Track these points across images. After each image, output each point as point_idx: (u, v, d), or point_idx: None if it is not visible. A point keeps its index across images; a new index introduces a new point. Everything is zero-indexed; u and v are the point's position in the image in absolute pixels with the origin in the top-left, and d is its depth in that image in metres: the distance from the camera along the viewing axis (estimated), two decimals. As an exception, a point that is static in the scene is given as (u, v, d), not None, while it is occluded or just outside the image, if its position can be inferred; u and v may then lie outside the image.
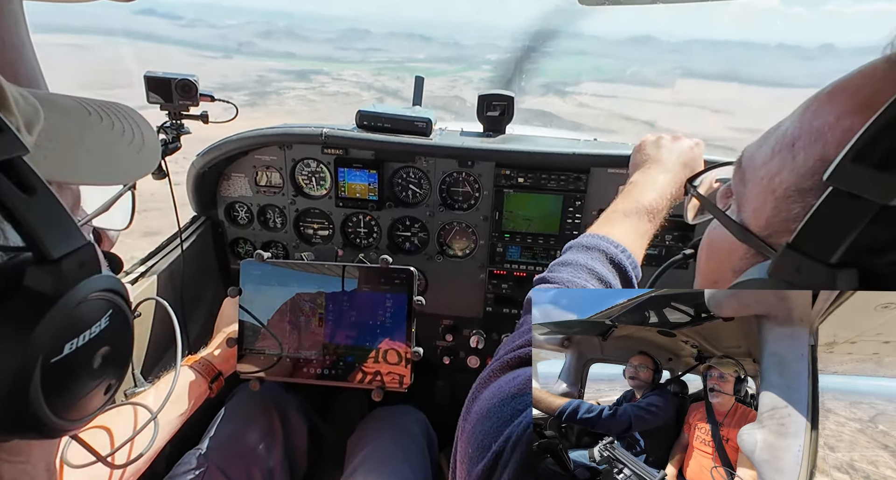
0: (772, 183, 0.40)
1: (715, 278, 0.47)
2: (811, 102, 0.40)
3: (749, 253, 0.42)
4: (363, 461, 1.17)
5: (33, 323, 0.32)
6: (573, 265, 0.79)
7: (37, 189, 0.33)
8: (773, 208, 0.40)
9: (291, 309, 1.04)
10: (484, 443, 0.54)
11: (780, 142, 0.41)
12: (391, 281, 1.02)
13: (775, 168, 0.40)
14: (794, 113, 0.42)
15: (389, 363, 1.02)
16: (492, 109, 1.40)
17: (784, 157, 0.40)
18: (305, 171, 1.43)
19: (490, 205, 1.38)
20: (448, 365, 1.59)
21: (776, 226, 0.39)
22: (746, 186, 0.44)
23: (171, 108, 1.23)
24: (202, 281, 1.46)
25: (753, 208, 0.42)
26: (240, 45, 28.48)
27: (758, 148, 0.44)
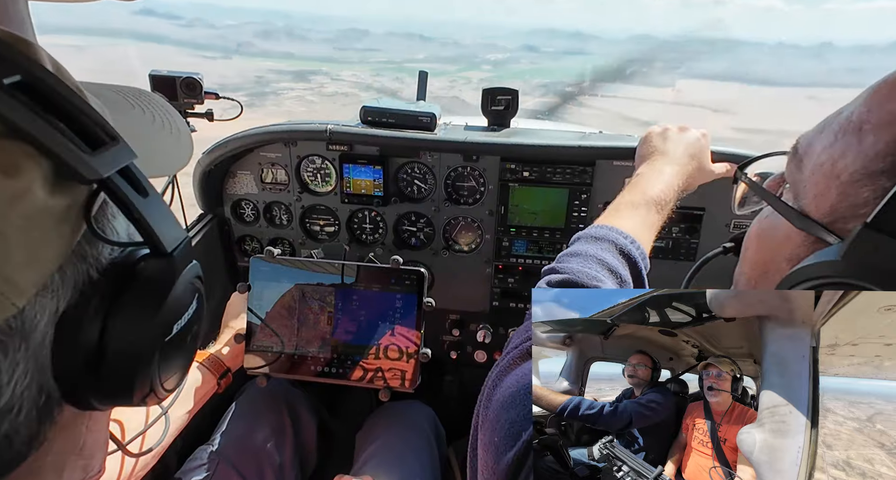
0: (835, 168, 0.40)
1: (766, 268, 0.47)
2: (879, 87, 0.40)
3: (808, 241, 0.41)
4: (372, 455, 1.18)
5: (157, 307, 0.37)
6: (583, 256, 0.79)
7: (148, 191, 0.37)
8: (838, 194, 0.39)
9: (300, 307, 1.04)
10: (512, 431, 0.54)
11: (843, 126, 0.41)
12: (401, 282, 1.02)
13: (838, 152, 0.40)
14: (858, 98, 0.42)
15: (397, 363, 1.02)
16: (496, 103, 1.40)
17: (849, 142, 0.39)
18: (310, 168, 1.43)
19: (495, 200, 1.38)
20: (455, 359, 1.59)
21: (842, 212, 0.39)
22: (804, 173, 0.43)
23: (177, 107, 1.23)
24: (210, 279, 1.46)
25: (814, 195, 0.41)
26: (238, 46, 28.53)
27: (817, 134, 0.44)
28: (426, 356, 1.01)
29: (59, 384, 0.35)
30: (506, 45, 7.37)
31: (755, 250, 0.50)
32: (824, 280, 0.36)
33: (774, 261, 0.45)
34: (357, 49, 31.41)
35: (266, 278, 1.04)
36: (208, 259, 1.46)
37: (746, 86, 19.73)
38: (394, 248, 1.47)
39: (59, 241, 0.32)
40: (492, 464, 0.55)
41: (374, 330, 1.03)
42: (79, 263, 0.35)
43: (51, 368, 0.34)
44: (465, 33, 52.06)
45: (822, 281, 0.36)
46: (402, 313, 1.02)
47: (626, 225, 0.86)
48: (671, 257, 1.37)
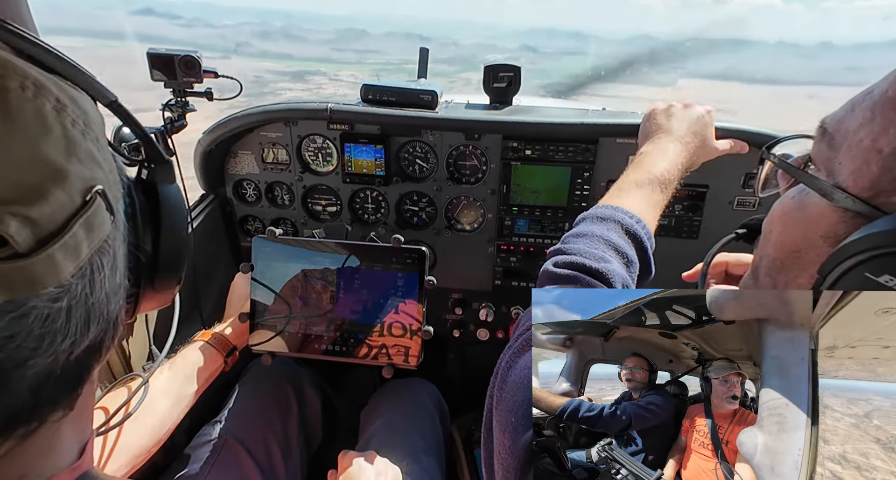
0: (876, 143, 0.40)
1: (796, 247, 0.46)
2: None
3: (846, 217, 0.41)
4: (376, 432, 1.20)
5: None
6: (589, 236, 0.79)
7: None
8: (880, 167, 0.39)
9: (303, 286, 1.05)
10: (529, 412, 0.55)
11: (881, 103, 0.41)
12: (403, 261, 1.02)
13: (879, 128, 0.40)
14: (889, 76, 0.42)
15: (400, 341, 1.03)
16: (498, 80, 1.38)
17: (890, 116, 0.39)
18: (311, 148, 1.42)
19: (497, 179, 1.37)
20: (458, 337, 1.60)
21: (884, 186, 0.39)
22: (838, 150, 0.43)
23: (176, 86, 1.22)
24: (213, 259, 1.47)
25: (851, 171, 0.41)
26: (237, 46, 28.29)
27: (847, 113, 0.44)
28: (429, 333, 1.01)
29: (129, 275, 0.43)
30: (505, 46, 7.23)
31: (782, 231, 0.49)
32: (882, 250, 0.36)
33: (808, 239, 0.45)
34: (355, 50, 31.07)
35: (268, 258, 1.05)
36: (211, 239, 1.46)
37: (747, 86, 19.45)
38: (396, 228, 1.47)
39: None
40: (509, 444, 0.56)
41: (376, 309, 1.04)
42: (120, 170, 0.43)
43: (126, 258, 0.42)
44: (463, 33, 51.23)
45: (879, 251, 0.36)
46: (404, 291, 1.03)
47: (632, 204, 0.86)
48: (674, 235, 1.36)
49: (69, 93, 0.36)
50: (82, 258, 0.34)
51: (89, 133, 0.36)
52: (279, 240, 1.04)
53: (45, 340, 0.32)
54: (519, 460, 0.54)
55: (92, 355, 0.37)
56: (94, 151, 0.36)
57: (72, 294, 0.33)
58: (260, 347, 1.05)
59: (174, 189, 0.51)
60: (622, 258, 0.77)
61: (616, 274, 0.72)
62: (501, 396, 0.61)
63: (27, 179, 0.30)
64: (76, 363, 0.35)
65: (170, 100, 1.21)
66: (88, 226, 0.34)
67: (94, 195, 0.34)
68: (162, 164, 0.51)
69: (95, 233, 0.35)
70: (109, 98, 0.43)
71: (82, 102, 0.37)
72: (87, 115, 0.37)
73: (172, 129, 1.20)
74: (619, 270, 0.73)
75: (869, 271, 0.36)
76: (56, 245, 0.31)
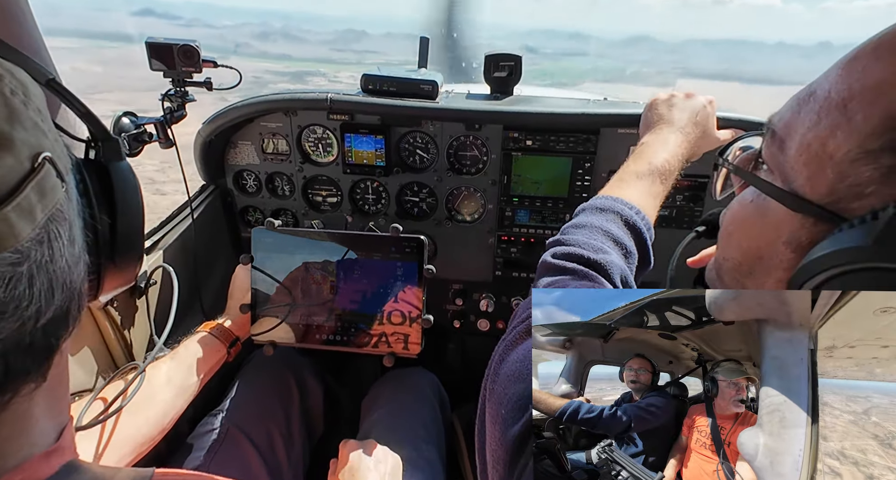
0: (825, 148, 0.38)
1: (760, 254, 0.46)
2: (853, 62, 0.39)
3: (807, 224, 0.40)
4: (377, 421, 1.20)
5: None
6: (588, 227, 0.78)
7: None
8: (835, 174, 0.38)
9: (303, 276, 1.05)
10: (519, 405, 0.55)
11: (825, 105, 0.39)
12: (402, 250, 1.02)
13: (826, 132, 0.38)
14: (829, 76, 0.40)
15: (400, 329, 1.03)
16: (499, 70, 1.37)
17: (836, 120, 0.38)
18: (312, 138, 1.42)
19: (498, 169, 1.37)
20: (458, 328, 1.61)
21: (843, 192, 0.38)
22: (788, 154, 0.42)
23: (175, 75, 1.21)
24: (214, 250, 1.47)
25: (807, 177, 0.40)
26: (237, 46, 28.16)
27: (792, 114, 0.42)
28: (428, 322, 1.02)
29: (88, 249, 0.43)
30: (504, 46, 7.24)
31: (743, 235, 0.49)
32: (852, 266, 0.34)
33: (770, 246, 0.44)
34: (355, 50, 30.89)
35: (268, 249, 1.05)
36: (212, 230, 1.46)
37: (747, 85, 19.36)
38: (396, 219, 1.47)
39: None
40: (499, 436, 0.57)
41: (376, 298, 1.04)
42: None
43: (82, 231, 0.41)
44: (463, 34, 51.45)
45: (849, 267, 0.35)
46: (403, 280, 1.03)
47: (631, 195, 0.85)
48: (675, 225, 1.36)
49: (4, 65, 0.37)
50: (38, 221, 0.34)
51: (30, 103, 0.37)
52: (278, 231, 1.04)
53: (10, 305, 0.33)
54: (508, 452, 0.54)
55: (59, 325, 0.38)
56: (38, 121, 0.37)
57: (32, 259, 0.34)
58: (261, 337, 1.06)
59: (124, 166, 0.52)
60: (621, 249, 0.77)
61: (614, 265, 0.72)
62: (493, 388, 0.61)
63: None
64: (44, 331, 0.36)
65: (169, 89, 1.20)
66: (40, 189, 0.35)
67: (43, 161, 0.35)
68: (109, 142, 0.53)
69: (48, 198, 0.36)
70: (46, 76, 0.43)
71: (19, 74, 0.38)
72: (27, 87, 0.37)
73: (172, 119, 1.20)
74: (618, 262, 0.73)
75: (840, 288, 0.35)
76: (10, 206, 0.32)
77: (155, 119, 1.16)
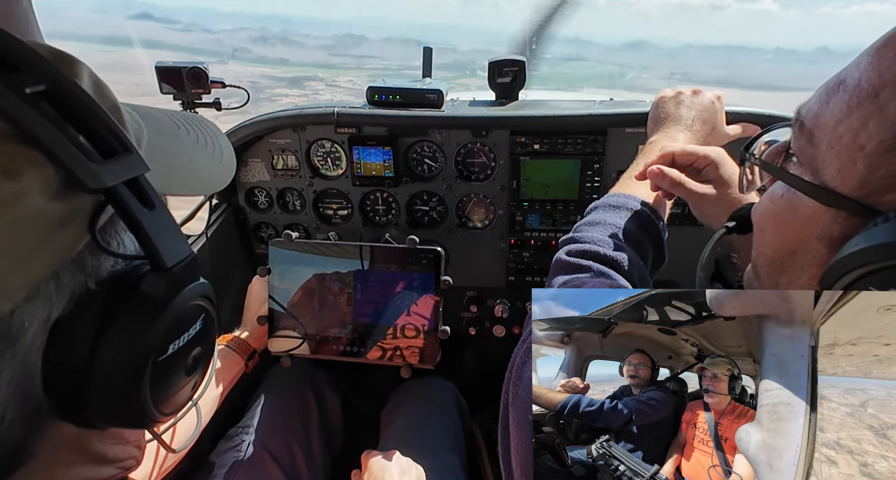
0: (857, 139, 0.37)
1: (793, 248, 0.44)
2: (884, 49, 0.38)
3: (839, 218, 0.39)
4: (397, 431, 1.20)
5: (149, 324, 0.36)
6: (602, 224, 0.78)
7: (155, 204, 0.36)
8: (866, 166, 0.37)
9: (320, 288, 1.06)
10: None
11: (854, 94, 0.38)
12: (419, 261, 1.02)
13: (858, 123, 0.38)
14: (860, 64, 0.39)
15: (417, 341, 1.03)
16: (503, 76, 1.38)
17: (867, 111, 0.37)
18: (320, 152, 1.43)
19: (507, 174, 1.37)
20: (474, 335, 1.60)
21: (875, 185, 0.37)
22: (819, 147, 0.41)
23: (184, 98, 1.24)
24: (229, 266, 1.49)
25: (837, 169, 0.39)
26: (234, 51, 28.52)
27: (822, 105, 0.41)
28: (445, 333, 1.02)
29: (49, 397, 0.34)
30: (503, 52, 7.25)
31: (775, 231, 0.48)
32: (885, 264, 0.34)
33: (803, 241, 0.43)
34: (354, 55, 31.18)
35: (285, 261, 1.06)
36: (225, 248, 1.48)
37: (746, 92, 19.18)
38: (407, 228, 1.48)
39: (55, 248, 0.32)
40: (527, 442, 0.56)
41: (393, 310, 1.04)
42: (77, 272, 0.34)
43: (41, 379, 0.33)
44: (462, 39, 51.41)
45: (882, 264, 0.34)
46: (420, 292, 1.03)
47: (643, 192, 0.85)
48: (688, 223, 1.35)
49: None
50: None
51: None
52: (296, 244, 1.05)
53: None
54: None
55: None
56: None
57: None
58: (278, 349, 1.06)
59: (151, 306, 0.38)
60: (636, 246, 0.76)
61: (631, 262, 0.71)
62: (517, 393, 0.60)
63: None
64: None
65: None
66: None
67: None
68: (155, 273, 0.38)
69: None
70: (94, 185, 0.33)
71: None
72: None
73: (183, 141, 1.22)
74: (634, 258, 0.73)
75: (874, 285, 0.34)
76: None
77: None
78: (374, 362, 1.06)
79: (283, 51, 31.84)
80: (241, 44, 32.72)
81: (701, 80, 20.75)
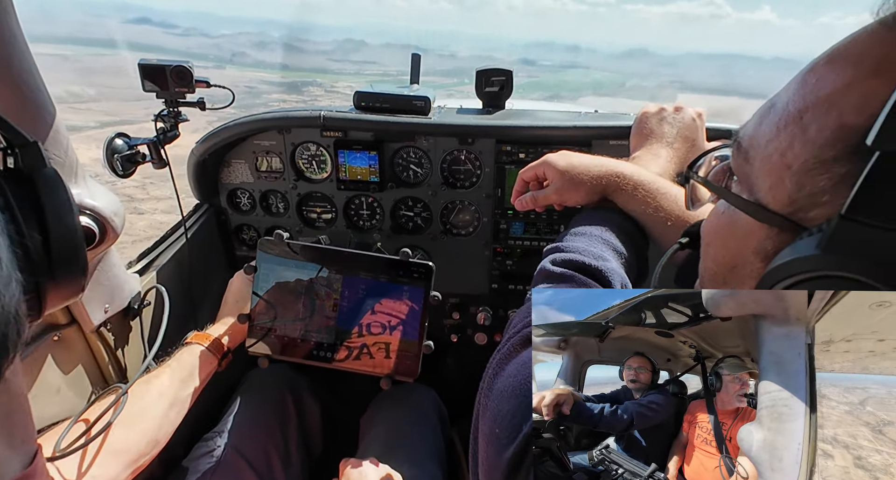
0: (784, 159, 0.39)
1: (733, 263, 0.46)
2: (807, 75, 0.40)
3: (772, 233, 0.41)
4: (377, 438, 1.19)
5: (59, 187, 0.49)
6: (588, 235, 0.79)
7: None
8: (794, 183, 0.39)
9: (306, 292, 1.04)
10: (513, 423, 0.54)
11: (782, 116, 0.40)
12: (410, 275, 1.02)
13: (785, 143, 0.39)
14: (789, 87, 0.41)
15: (400, 353, 1.02)
16: (490, 85, 1.39)
17: (793, 132, 0.39)
18: (305, 155, 1.42)
19: (492, 183, 1.38)
20: (456, 342, 1.60)
21: (801, 202, 0.38)
22: (753, 165, 0.43)
23: (168, 96, 1.22)
24: (209, 269, 1.46)
25: (769, 186, 0.41)
26: (233, 56, 28.24)
27: (756, 126, 0.43)
28: (429, 348, 1.01)
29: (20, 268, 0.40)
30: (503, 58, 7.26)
31: (718, 246, 0.49)
32: (807, 274, 0.36)
33: (741, 256, 0.45)
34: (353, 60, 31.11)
35: (272, 261, 1.04)
36: (206, 249, 1.46)
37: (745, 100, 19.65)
38: (392, 234, 1.47)
39: None
40: (493, 457, 0.55)
41: (378, 320, 1.04)
42: None
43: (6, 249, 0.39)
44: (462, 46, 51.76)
45: (805, 276, 0.36)
46: (407, 305, 1.03)
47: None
48: (668, 235, 1.37)
49: None
50: None
51: None
52: (287, 244, 1.03)
53: None
54: (503, 473, 0.53)
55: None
56: None
57: None
58: (257, 350, 1.04)
59: (49, 173, 0.48)
60: (620, 258, 0.77)
61: (615, 273, 0.72)
62: (487, 404, 0.60)
63: None
64: None
65: (162, 110, 1.21)
66: None
67: None
68: (27, 148, 0.48)
69: None
70: None
71: None
72: None
73: (165, 140, 1.20)
74: (618, 270, 0.73)
75: None
76: None
77: (148, 140, 1.16)
78: (354, 370, 1.04)
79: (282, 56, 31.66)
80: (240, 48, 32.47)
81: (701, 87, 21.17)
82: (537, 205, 0.97)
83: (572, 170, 0.90)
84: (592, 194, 0.89)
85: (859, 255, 0.33)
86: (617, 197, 0.87)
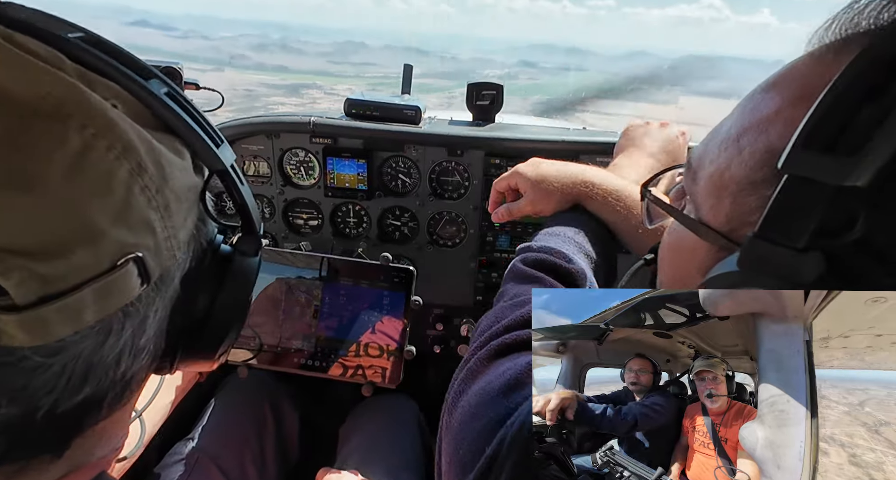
0: (722, 179, 0.40)
1: (682, 280, 0.47)
2: (749, 99, 0.41)
3: (713, 250, 0.42)
4: (355, 449, 1.17)
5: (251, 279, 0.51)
6: (561, 236, 0.81)
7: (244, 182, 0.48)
8: (730, 203, 0.40)
9: (286, 299, 1.03)
10: (476, 446, 0.51)
11: (725, 139, 0.42)
12: (390, 279, 1.02)
13: (724, 163, 0.41)
14: (734, 111, 0.43)
15: (381, 360, 1.02)
16: (481, 98, 1.40)
17: (731, 153, 0.40)
18: (294, 161, 1.42)
19: (480, 195, 1.38)
20: (439, 353, 1.59)
21: (736, 221, 0.39)
22: (699, 185, 0.44)
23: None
24: None
25: (710, 205, 0.42)
26: (232, 58, 28.19)
27: (705, 147, 0.45)
28: (411, 353, 1.01)
29: (167, 337, 0.41)
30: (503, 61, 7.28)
31: (669, 262, 0.50)
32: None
33: (688, 272, 0.45)
34: (353, 63, 31.22)
35: None
36: None
37: None
38: (378, 242, 1.47)
39: (196, 212, 0.42)
40: (453, 478, 0.53)
41: (360, 326, 1.03)
42: (199, 235, 0.43)
43: (168, 321, 0.40)
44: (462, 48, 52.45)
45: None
46: (388, 310, 1.02)
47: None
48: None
49: (161, 156, 0.36)
50: (85, 322, 0.32)
51: (156, 200, 0.35)
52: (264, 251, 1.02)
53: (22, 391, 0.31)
54: None
55: (85, 410, 0.36)
56: (154, 219, 0.35)
57: (71, 353, 0.32)
58: (235, 359, 1.03)
59: (250, 263, 0.49)
60: (591, 262, 0.79)
61: (584, 277, 0.73)
62: (450, 423, 0.57)
63: (56, 233, 0.29)
64: (61, 417, 0.34)
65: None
66: (103, 291, 0.32)
67: (126, 262, 0.33)
68: (249, 236, 0.49)
69: (113, 299, 0.33)
70: (218, 167, 0.43)
71: (170, 167, 0.36)
72: (167, 182, 0.36)
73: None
74: (588, 274, 0.74)
75: None
76: (53, 305, 0.29)
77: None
78: (335, 378, 1.03)
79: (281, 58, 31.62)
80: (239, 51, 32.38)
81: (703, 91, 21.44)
82: (513, 217, 0.98)
83: (543, 181, 0.92)
84: (564, 203, 0.91)
85: (768, 274, 0.34)
86: (588, 204, 0.90)
